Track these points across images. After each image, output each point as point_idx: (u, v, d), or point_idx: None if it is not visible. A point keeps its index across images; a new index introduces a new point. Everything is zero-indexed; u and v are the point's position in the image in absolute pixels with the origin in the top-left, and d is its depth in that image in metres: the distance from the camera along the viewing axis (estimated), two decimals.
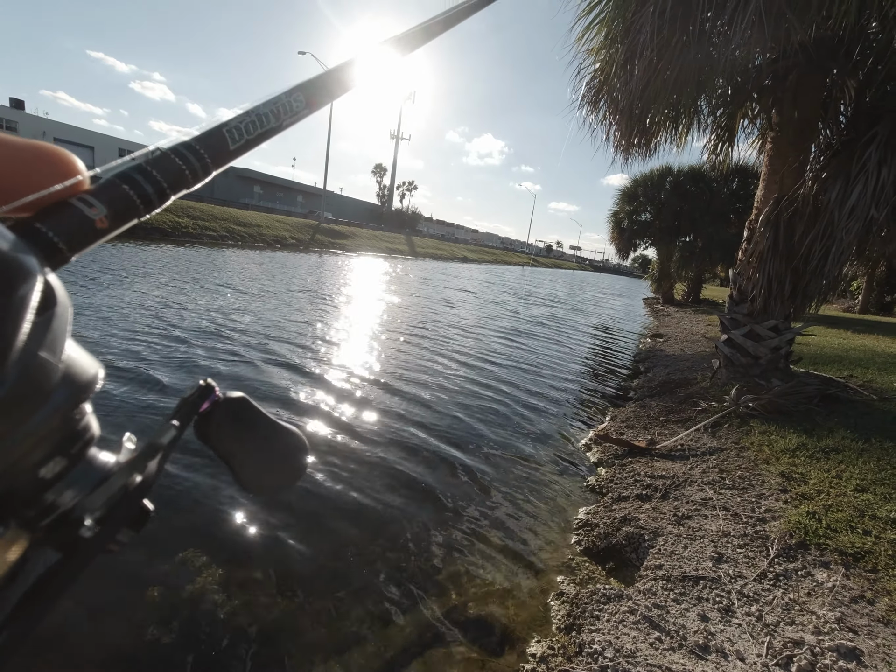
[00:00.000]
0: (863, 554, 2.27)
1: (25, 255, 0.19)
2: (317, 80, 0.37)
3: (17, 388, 0.18)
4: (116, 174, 0.26)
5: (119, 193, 0.25)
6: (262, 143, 0.34)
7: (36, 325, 0.18)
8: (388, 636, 1.98)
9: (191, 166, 0.29)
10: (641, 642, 1.87)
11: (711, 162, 6.23)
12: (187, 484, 2.81)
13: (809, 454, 3.38)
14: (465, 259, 49.26)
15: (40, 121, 36.80)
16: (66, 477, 0.23)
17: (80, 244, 0.23)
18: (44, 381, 0.19)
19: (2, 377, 0.17)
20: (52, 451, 0.22)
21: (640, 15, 4.02)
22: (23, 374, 0.18)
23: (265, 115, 0.33)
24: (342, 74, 0.39)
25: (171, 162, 0.28)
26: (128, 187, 0.26)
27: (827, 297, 5.13)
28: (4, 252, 0.18)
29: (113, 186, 0.25)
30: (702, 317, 14.97)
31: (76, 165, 0.23)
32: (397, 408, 4.44)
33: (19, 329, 0.18)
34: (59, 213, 0.22)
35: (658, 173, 19.19)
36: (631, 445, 3.99)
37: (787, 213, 4.68)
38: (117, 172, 0.26)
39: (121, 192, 0.25)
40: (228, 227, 23.99)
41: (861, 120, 4.51)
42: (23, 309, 0.18)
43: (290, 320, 7.55)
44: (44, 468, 0.22)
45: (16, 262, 0.18)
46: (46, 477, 0.22)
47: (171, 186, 0.28)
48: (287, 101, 0.34)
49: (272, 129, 0.34)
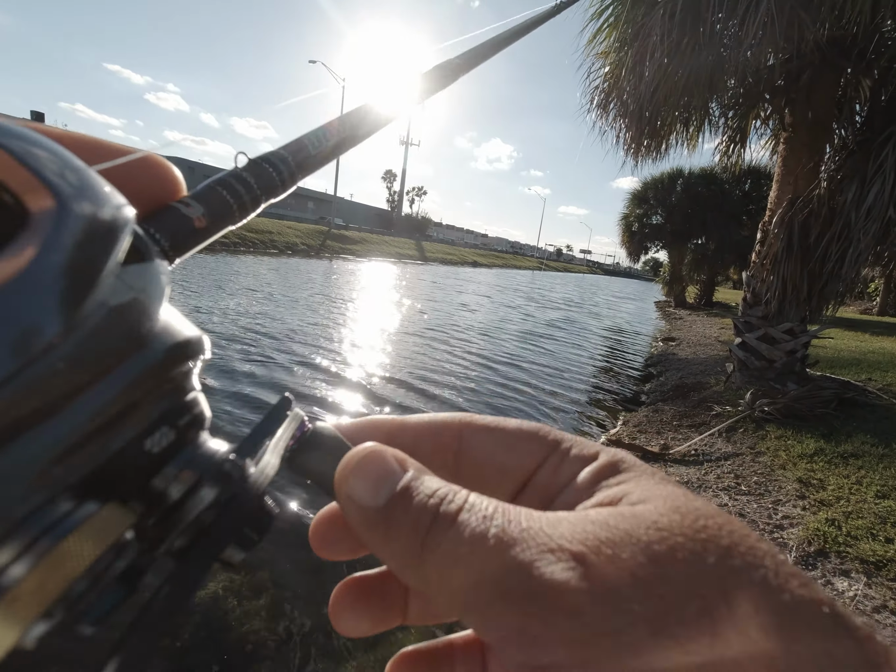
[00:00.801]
0: (885, 562, 2.21)
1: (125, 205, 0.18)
2: (360, 110, 0.39)
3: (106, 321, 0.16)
4: (212, 180, 0.27)
5: (215, 196, 0.26)
6: (341, 154, 0.36)
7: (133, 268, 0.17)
8: (389, 639, 1.98)
9: (280, 174, 0.30)
10: None
11: (723, 163, 6.16)
12: None
13: (828, 459, 3.31)
14: (476, 263, 49.32)
15: None
16: (176, 458, 0.19)
17: (182, 244, 0.23)
18: (138, 320, 0.17)
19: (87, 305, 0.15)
20: (158, 418, 0.19)
21: (650, 18, 4.01)
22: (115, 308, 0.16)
23: (336, 129, 0.35)
24: (378, 107, 0.41)
25: (263, 169, 0.29)
26: (223, 190, 0.26)
27: (844, 300, 5.04)
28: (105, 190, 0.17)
29: (209, 190, 0.26)
30: (715, 320, 14.79)
31: (175, 172, 0.23)
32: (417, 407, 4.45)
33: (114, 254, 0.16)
34: (160, 214, 0.23)
35: (669, 176, 19.04)
36: (644, 451, 3.95)
37: (801, 215, 4.61)
38: (213, 179, 0.27)
39: (216, 194, 0.26)
40: (240, 233, 24.29)
41: (877, 119, 4.44)
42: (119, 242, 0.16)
43: (313, 324, 7.79)
44: (149, 438, 0.18)
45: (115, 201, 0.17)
46: (153, 451, 0.18)
47: (265, 192, 0.29)
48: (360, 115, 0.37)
49: (349, 139, 0.36)
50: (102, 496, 0.17)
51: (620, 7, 4.49)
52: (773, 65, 4.53)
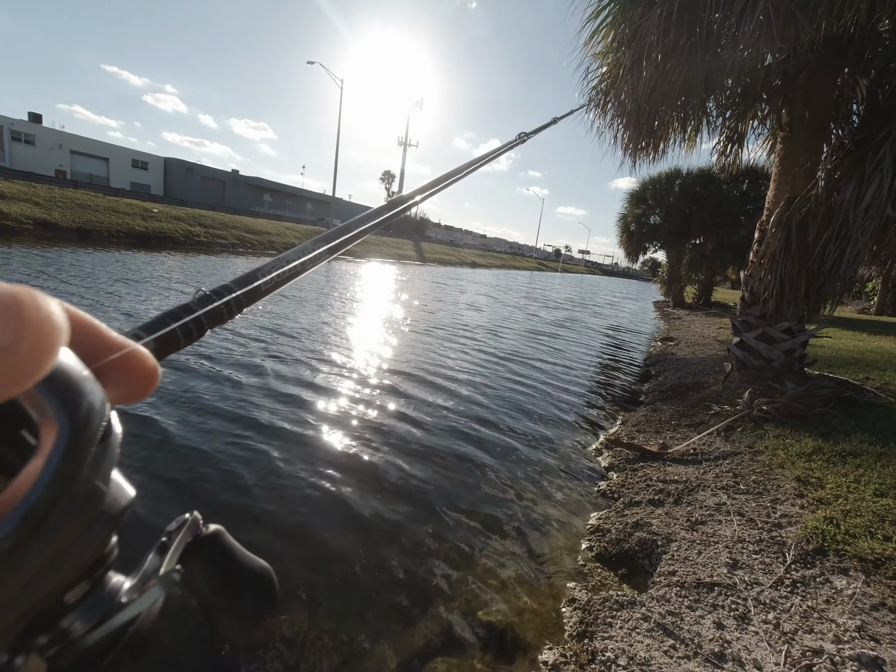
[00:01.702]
0: (883, 560, 2.21)
1: (100, 392, 0.21)
2: (336, 233, 0.47)
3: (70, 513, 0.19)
4: (164, 312, 0.31)
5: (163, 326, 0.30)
6: (290, 283, 0.42)
7: (95, 454, 0.20)
8: (398, 643, 1.97)
9: (227, 305, 0.34)
10: (655, 650, 1.84)
11: (721, 163, 6.17)
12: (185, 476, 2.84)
13: (826, 458, 3.32)
14: (474, 264, 49.24)
15: (57, 134, 37.69)
16: (84, 603, 0.23)
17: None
18: (94, 506, 0.20)
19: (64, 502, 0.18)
20: (81, 575, 0.22)
21: (647, 18, 4.02)
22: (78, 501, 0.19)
23: (293, 261, 0.41)
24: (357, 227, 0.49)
25: (212, 301, 0.34)
26: (171, 321, 0.31)
27: (841, 299, 5.04)
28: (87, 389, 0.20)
29: (158, 322, 0.30)
30: (713, 319, 14.80)
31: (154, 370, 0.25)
32: (418, 409, 4.45)
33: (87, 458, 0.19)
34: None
35: (666, 176, 19.07)
36: (643, 450, 3.95)
37: (799, 214, 4.62)
38: (165, 311, 0.32)
39: (165, 325, 0.30)
40: (239, 235, 24.28)
41: (874, 118, 4.45)
42: (91, 441, 0.20)
43: (324, 322, 7.83)
44: (70, 592, 0.22)
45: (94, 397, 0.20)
46: (69, 602, 0.22)
47: (210, 321, 0.33)
48: (312, 250, 0.44)
49: (297, 272, 0.42)
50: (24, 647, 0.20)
51: (618, 7, 4.50)
52: (770, 65, 4.54)
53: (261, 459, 3.27)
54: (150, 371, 0.24)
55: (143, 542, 0.28)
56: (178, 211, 23.15)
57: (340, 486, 3.07)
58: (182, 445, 3.30)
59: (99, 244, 16.05)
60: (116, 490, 0.23)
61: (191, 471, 3.02)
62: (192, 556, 0.29)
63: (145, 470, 2.97)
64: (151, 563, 0.27)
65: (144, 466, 3.01)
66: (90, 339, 0.22)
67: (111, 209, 19.26)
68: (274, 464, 3.23)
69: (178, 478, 2.94)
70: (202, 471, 3.03)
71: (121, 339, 0.24)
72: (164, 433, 3.43)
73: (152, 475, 2.93)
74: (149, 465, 3.04)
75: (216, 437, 3.48)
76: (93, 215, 17.96)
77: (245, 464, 3.18)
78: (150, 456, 3.14)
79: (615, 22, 4.55)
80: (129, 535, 0.29)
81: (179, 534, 0.29)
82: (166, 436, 3.40)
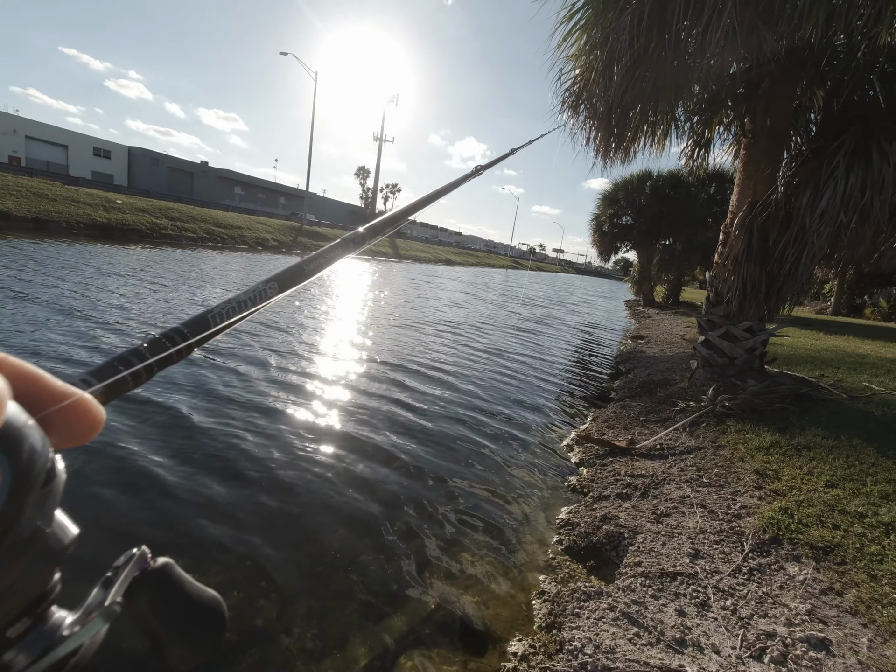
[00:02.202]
0: (832, 547, 2.34)
1: (43, 439, 0.22)
2: (288, 272, 0.47)
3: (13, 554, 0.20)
4: (114, 357, 0.32)
5: (111, 371, 0.31)
6: (242, 322, 0.42)
7: (38, 497, 0.21)
8: (369, 637, 1.98)
9: (178, 350, 0.35)
10: (620, 638, 1.90)
11: (689, 167, 6.37)
12: (168, 479, 2.77)
13: (783, 452, 3.48)
14: (450, 262, 49.33)
15: (11, 118, 35.70)
16: (26, 637, 0.23)
17: None
18: (36, 546, 0.22)
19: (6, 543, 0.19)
20: (23, 611, 0.23)
21: (618, 23, 4.10)
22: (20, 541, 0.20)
23: (243, 301, 0.42)
24: (309, 266, 0.50)
25: (161, 345, 0.34)
26: (119, 365, 0.31)
27: (800, 300, 5.28)
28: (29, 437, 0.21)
29: (108, 366, 0.31)
30: (681, 318, 15.26)
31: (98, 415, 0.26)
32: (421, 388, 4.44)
33: (29, 502, 0.21)
34: None
35: (638, 178, 19.51)
36: (612, 445, 4.05)
37: (760, 218, 4.82)
38: (114, 356, 0.32)
39: (113, 369, 0.31)
40: (208, 228, 23.62)
41: (830, 128, 4.67)
42: (34, 486, 0.21)
43: (308, 317, 7.53)
44: (12, 628, 0.23)
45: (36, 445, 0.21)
46: (11, 637, 0.23)
47: (160, 363, 0.34)
48: (263, 289, 0.44)
49: (249, 311, 0.42)
50: None
51: (591, 11, 4.57)
52: (735, 73, 4.70)
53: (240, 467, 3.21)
54: (94, 418, 0.26)
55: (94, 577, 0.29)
56: (144, 202, 22.35)
57: (311, 488, 3.05)
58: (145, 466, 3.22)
59: (57, 235, 15.35)
60: (59, 529, 0.24)
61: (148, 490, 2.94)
62: (140, 589, 0.29)
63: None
64: (96, 597, 0.27)
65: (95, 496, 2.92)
66: (35, 389, 0.24)
67: (70, 199, 18.44)
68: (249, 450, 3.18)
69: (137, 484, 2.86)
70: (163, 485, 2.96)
71: (65, 388, 0.25)
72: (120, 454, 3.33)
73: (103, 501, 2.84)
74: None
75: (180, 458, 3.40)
76: (50, 205, 17.16)
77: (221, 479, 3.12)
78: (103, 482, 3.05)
79: (588, 25, 4.63)
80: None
81: (126, 568, 0.29)
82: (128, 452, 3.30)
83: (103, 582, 0.28)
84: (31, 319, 5.69)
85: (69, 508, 0.25)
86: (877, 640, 1.81)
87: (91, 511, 2.52)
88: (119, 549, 0.29)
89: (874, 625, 1.88)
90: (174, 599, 0.31)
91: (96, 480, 2.78)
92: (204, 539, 2.43)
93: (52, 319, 5.80)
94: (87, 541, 2.22)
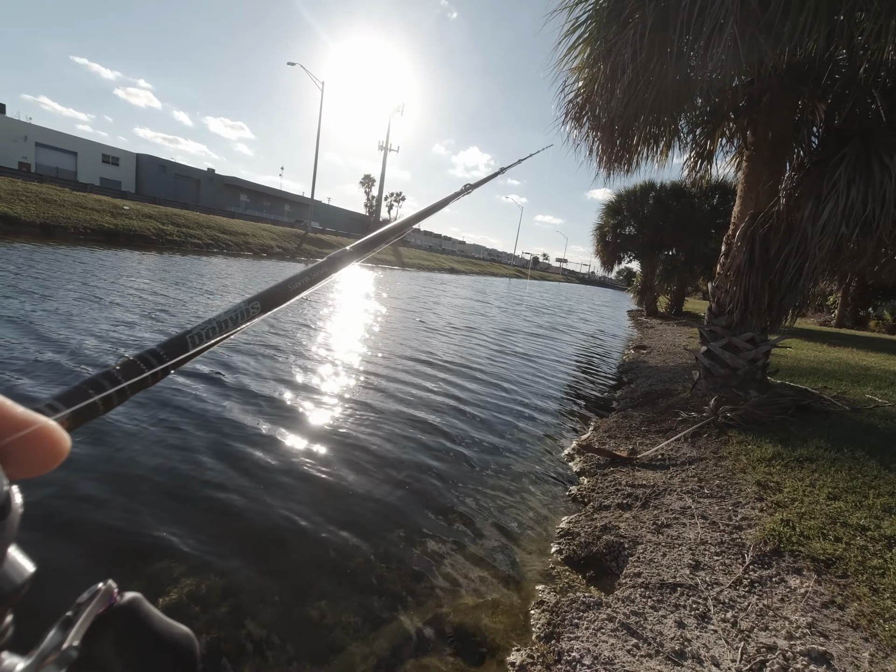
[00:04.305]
0: (834, 560, 2.32)
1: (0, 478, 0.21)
2: (271, 291, 0.46)
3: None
4: (83, 381, 0.30)
5: (80, 396, 0.29)
6: (223, 342, 0.41)
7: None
8: (368, 647, 1.97)
9: (152, 370, 0.34)
10: (619, 649, 1.89)
11: (692, 178, 6.40)
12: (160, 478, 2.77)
13: (784, 463, 3.46)
14: (453, 270, 49.46)
15: (22, 125, 36.22)
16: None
17: None
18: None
19: None
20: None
21: (621, 37, 4.15)
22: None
23: (224, 321, 0.40)
24: (294, 284, 0.48)
25: (135, 367, 0.33)
26: (89, 389, 0.30)
27: (802, 311, 5.28)
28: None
29: (76, 391, 0.29)
30: (684, 329, 15.23)
31: (63, 445, 0.25)
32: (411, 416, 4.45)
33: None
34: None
35: (641, 188, 19.59)
36: (613, 455, 4.04)
37: (762, 230, 4.83)
38: (84, 380, 0.30)
39: (82, 394, 0.29)
40: (214, 235, 23.80)
41: (831, 141, 4.70)
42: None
43: (329, 323, 7.59)
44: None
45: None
46: None
47: (133, 387, 0.32)
48: (245, 309, 0.42)
49: (230, 332, 0.41)
50: None
51: (594, 24, 4.63)
52: (736, 86, 4.75)
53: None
54: (57, 447, 0.24)
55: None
56: (150, 209, 22.56)
57: (312, 497, 3.05)
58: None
59: (64, 240, 15.50)
60: (12, 568, 0.23)
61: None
62: (103, 628, 0.27)
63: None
64: (52, 639, 0.25)
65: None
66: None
67: (78, 205, 18.64)
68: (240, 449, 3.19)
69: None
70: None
71: (26, 415, 0.23)
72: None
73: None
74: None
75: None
76: (58, 210, 17.34)
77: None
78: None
79: (591, 38, 4.69)
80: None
81: (90, 605, 0.27)
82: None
83: (62, 622, 0.26)
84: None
85: (25, 543, 0.23)
86: (878, 654, 1.79)
87: (50, 544, 2.26)
88: (82, 585, 0.27)
89: (876, 639, 1.86)
90: (141, 638, 0.29)
91: (56, 508, 2.52)
92: (173, 567, 2.43)
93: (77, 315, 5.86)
94: (44, 578, 2.23)
